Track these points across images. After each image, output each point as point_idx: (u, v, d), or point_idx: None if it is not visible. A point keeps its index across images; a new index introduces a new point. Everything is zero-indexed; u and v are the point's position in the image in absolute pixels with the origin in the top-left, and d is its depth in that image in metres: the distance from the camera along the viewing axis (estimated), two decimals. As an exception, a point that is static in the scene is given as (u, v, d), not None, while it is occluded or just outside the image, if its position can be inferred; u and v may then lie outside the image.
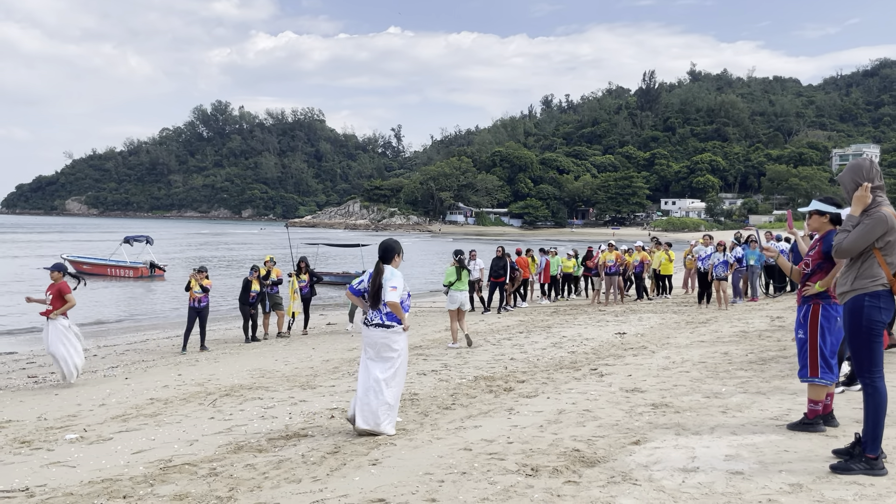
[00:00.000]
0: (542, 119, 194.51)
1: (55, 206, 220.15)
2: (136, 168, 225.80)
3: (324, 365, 10.97)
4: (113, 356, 14.02)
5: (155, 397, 8.87)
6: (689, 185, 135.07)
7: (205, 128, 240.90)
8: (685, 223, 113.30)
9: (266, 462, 5.66)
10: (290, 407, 7.83)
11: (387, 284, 6.46)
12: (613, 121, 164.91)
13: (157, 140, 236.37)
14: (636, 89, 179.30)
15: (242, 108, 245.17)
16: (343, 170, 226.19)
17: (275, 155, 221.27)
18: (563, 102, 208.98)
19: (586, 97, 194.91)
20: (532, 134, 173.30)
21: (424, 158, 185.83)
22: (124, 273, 34.22)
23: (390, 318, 6.49)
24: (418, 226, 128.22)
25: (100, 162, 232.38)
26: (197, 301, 14.03)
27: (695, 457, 5.21)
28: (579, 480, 4.83)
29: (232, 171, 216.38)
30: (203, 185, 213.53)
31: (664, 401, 7.17)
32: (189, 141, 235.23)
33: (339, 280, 32.00)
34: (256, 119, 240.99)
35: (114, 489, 5.13)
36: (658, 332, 12.75)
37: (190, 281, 14.07)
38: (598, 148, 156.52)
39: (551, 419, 6.64)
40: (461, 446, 5.82)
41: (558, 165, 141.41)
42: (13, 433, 7.22)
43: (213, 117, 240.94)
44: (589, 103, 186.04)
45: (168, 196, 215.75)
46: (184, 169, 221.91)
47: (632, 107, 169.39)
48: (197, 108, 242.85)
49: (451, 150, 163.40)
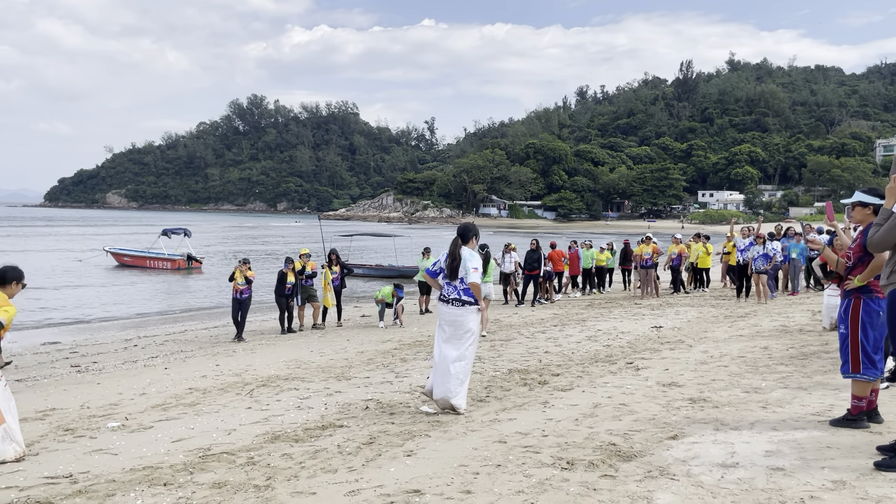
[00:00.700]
0: (576, 110, 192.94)
1: (96, 199, 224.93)
2: (174, 162, 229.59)
3: (358, 356, 11.05)
4: (152, 346, 14.29)
5: (194, 387, 9.01)
6: (727, 176, 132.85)
7: (241, 122, 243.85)
8: (723, 216, 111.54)
9: (302, 452, 5.71)
10: (325, 398, 7.90)
11: (468, 265, 6.82)
12: (650, 112, 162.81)
13: (194, 134, 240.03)
14: (673, 79, 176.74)
15: (277, 102, 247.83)
16: (377, 163, 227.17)
17: (309, 148, 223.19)
18: (598, 93, 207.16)
19: (622, 88, 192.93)
20: (566, 125, 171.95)
21: (457, 151, 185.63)
22: (162, 265, 34.86)
23: (467, 294, 6.84)
24: (451, 218, 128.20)
25: (139, 156, 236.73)
26: (239, 292, 14.39)
27: (734, 452, 5.13)
28: (616, 474, 4.79)
29: (267, 165, 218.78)
30: (239, 178, 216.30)
31: (702, 395, 7.07)
32: (225, 135, 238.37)
33: (374, 273, 32.17)
34: (291, 113, 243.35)
35: (154, 476, 5.22)
36: (695, 326, 12.57)
37: (234, 272, 14.37)
38: (633, 139, 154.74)
39: (587, 413, 6.59)
40: (496, 439, 5.81)
41: (593, 157, 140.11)
42: (57, 421, 7.41)
43: (249, 111, 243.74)
44: (625, 94, 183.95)
45: (205, 189, 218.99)
46: (220, 162, 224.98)
47: (668, 97, 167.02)
48: (233, 103, 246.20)
49: (484, 142, 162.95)
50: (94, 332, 17.30)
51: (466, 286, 6.84)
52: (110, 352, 13.85)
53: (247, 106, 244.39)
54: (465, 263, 6.84)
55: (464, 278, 6.85)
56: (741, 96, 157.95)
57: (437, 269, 7.09)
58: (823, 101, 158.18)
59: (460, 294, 6.86)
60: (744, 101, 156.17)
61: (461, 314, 6.83)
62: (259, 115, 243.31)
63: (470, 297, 6.84)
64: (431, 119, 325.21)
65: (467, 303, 6.85)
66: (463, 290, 6.85)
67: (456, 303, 6.87)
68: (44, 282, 27.90)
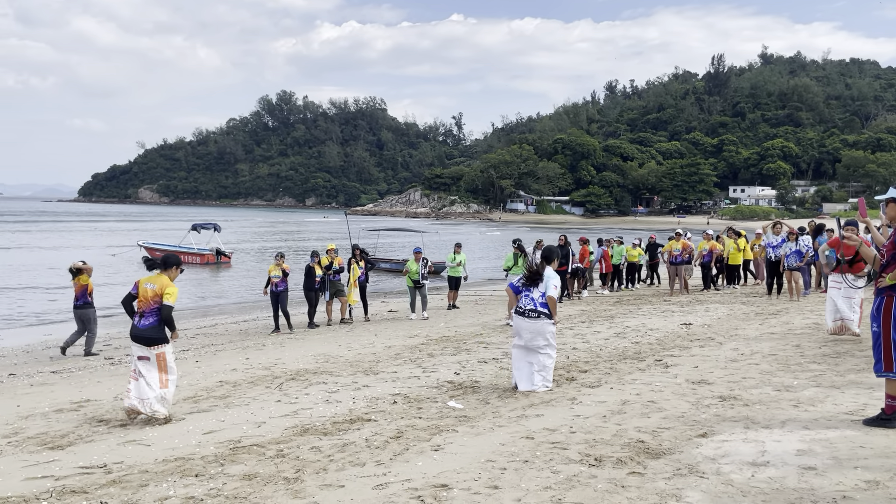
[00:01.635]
0: (605, 105, 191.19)
1: (128, 194, 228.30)
2: (204, 157, 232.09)
3: (386, 351, 11.10)
4: (184, 340, 14.50)
5: (224, 380, 9.13)
6: (759, 172, 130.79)
7: (270, 117, 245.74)
8: (754, 211, 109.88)
9: (331, 445, 5.77)
10: (353, 392, 7.95)
11: (549, 283, 7.72)
12: (680, 106, 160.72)
13: (224, 130, 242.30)
14: (704, 73, 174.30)
15: (306, 98, 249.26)
16: (404, 158, 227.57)
17: (337, 144, 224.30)
18: (627, 88, 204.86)
19: (651, 82, 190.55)
20: (595, 120, 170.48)
21: (485, 146, 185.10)
22: (192, 259, 35.38)
23: (543, 307, 7.65)
24: (478, 214, 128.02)
25: (170, 151, 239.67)
26: (275, 285, 14.71)
27: (765, 451, 5.07)
28: (644, 472, 4.76)
29: (296, 160, 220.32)
30: (268, 173, 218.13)
31: (732, 393, 7.00)
32: (255, 130, 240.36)
33: (400, 267, 32.24)
34: (320, 108, 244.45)
35: (186, 468, 5.31)
36: (726, 323, 12.43)
37: (270, 268, 14.77)
38: (663, 134, 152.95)
39: (615, 410, 6.56)
40: (523, 434, 5.81)
41: (622, 152, 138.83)
42: (92, 412, 7.56)
43: (279, 107, 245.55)
44: (654, 88, 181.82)
45: (235, 185, 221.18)
46: (250, 158, 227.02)
47: (699, 92, 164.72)
48: (262, 99, 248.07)
49: (511, 137, 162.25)
50: (127, 325, 17.56)
51: (544, 300, 7.63)
52: (143, 345, 14.08)
53: (276, 102, 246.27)
54: (547, 281, 7.72)
55: (544, 292, 7.66)
56: (774, 90, 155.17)
57: (519, 285, 7.89)
58: (859, 94, 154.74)
59: (537, 305, 7.65)
60: (776, 95, 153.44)
61: (538, 326, 7.59)
62: (288, 110, 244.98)
63: (546, 309, 7.63)
64: (459, 114, 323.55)
65: (543, 314, 7.61)
66: (541, 303, 7.64)
67: (532, 314, 7.64)
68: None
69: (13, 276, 28.47)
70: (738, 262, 19.71)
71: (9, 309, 20.06)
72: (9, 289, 24.32)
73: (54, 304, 20.83)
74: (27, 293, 23.35)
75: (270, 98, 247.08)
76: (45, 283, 25.85)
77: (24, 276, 28.54)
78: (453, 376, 8.64)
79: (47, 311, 19.86)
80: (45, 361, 12.46)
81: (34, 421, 7.25)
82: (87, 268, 13.32)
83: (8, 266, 32.12)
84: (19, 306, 20.64)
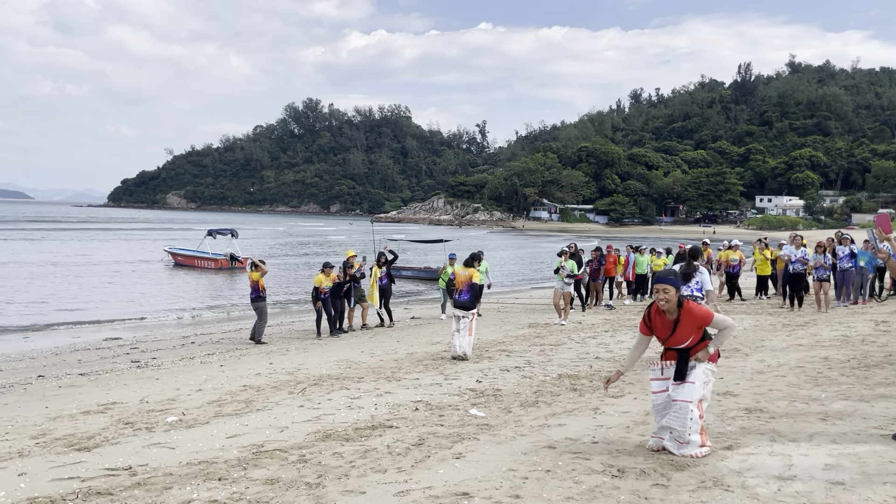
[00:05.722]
0: (630, 113, 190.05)
1: (156, 199, 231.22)
2: (231, 164, 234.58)
3: (408, 358, 11.11)
4: (209, 344, 14.65)
5: (248, 384, 9.20)
6: (786, 181, 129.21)
7: (296, 125, 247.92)
8: (782, 221, 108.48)
9: (353, 451, 5.78)
10: (375, 398, 7.97)
11: (703, 278, 9.63)
12: (706, 115, 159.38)
13: (251, 137, 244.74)
14: (731, 82, 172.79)
15: (332, 106, 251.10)
16: (428, 166, 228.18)
17: (362, 151, 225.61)
18: (652, 96, 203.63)
19: (677, 91, 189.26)
20: (620, 129, 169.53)
21: (508, 154, 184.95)
22: (207, 264, 35.82)
23: (699, 290, 9.51)
24: (502, 221, 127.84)
25: (198, 158, 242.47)
26: (324, 293, 15.05)
27: (791, 465, 4.99)
28: (668, 484, 4.71)
29: (321, 167, 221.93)
30: (294, 180, 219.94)
31: (758, 406, 6.90)
32: (281, 138, 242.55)
33: (422, 275, 32.31)
34: (345, 116, 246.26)
35: (210, 471, 5.35)
36: (752, 335, 12.27)
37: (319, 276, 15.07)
38: (689, 143, 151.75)
39: (638, 420, 6.50)
40: (545, 444, 5.78)
41: (647, 161, 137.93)
42: (118, 415, 7.65)
43: (305, 115, 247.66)
44: (680, 97, 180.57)
45: (261, 191, 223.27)
46: (276, 165, 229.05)
47: (726, 100, 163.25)
48: (289, 106, 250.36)
49: (535, 145, 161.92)
50: (153, 329, 17.81)
51: (700, 287, 9.56)
52: (168, 348, 14.25)
53: (302, 109, 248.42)
54: (702, 277, 9.67)
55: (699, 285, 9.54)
56: (802, 99, 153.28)
57: None
58: (889, 104, 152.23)
59: (693, 292, 9.45)
60: (805, 104, 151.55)
61: None
62: (314, 118, 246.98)
63: (700, 293, 9.51)
64: (483, 122, 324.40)
65: (699, 297, 9.36)
66: (697, 289, 9.50)
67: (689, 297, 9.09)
68: (109, 279, 28.86)
69: (46, 279, 28.96)
70: (767, 273, 19.45)
71: (38, 311, 20.38)
72: (42, 290, 24.75)
73: (86, 307, 21.14)
74: (53, 298, 23.72)
75: (297, 105, 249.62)
76: (75, 287, 26.27)
77: (54, 280, 29.02)
78: (475, 384, 8.63)
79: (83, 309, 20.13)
80: (73, 364, 12.65)
81: (62, 422, 7.36)
82: (262, 268, 14.64)
83: (40, 270, 32.70)
84: (47, 307, 20.96)
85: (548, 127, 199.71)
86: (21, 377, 11.17)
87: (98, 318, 19.35)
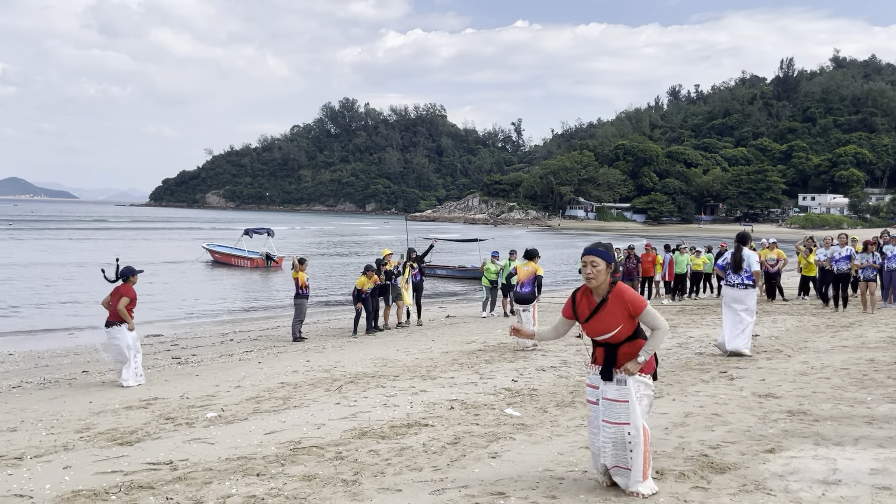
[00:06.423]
0: (668, 111, 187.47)
1: (196, 199, 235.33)
2: (269, 163, 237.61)
3: (443, 356, 11.11)
4: (247, 341, 14.84)
5: (285, 381, 9.30)
6: (830, 179, 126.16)
7: (332, 124, 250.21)
8: (825, 220, 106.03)
9: (389, 449, 5.80)
10: (411, 396, 7.99)
11: (750, 260, 10.04)
12: (747, 111, 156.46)
13: (288, 137, 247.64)
14: (772, 78, 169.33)
15: (368, 105, 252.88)
16: (463, 164, 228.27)
17: (397, 150, 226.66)
18: (691, 93, 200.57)
19: (717, 87, 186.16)
20: (658, 126, 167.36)
21: (544, 152, 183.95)
22: (243, 263, 36.31)
23: (749, 279, 10.03)
24: (537, 220, 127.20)
25: (236, 158, 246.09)
26: (365, 293, 15.23)
27: (836, 469, 4.87)
28: (708, 487, 4.63)
29: (357, 167, 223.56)
30: (330, 179, 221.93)
31: (802, 408, 6.74)
32: (318, 137, 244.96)
33: (457, 274, 32.31)
34: (381, 115, 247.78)
35: (248, 467, 5.42)
36: (794, 336, 12.00)
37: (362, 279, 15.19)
38: (729, 140, 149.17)
39: (677, 422, 6.40)
40: (582, 444, 5.72)
41: (686, 158, 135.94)
42: (159, 410, 7.80)
43: (341, 114, 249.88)
44: (720, 93, 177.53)
45: (298, 190, 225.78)
46: (312, 164, 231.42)
47: (767, 96, 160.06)
48: (325, 106, 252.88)
49: (572, 143, 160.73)
50: (193, 327, 18.12)
51: (750, 274, 10.01)
52: (208, 345, 14.48)
53: (338, 109, 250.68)
54: (749, 259, 10.03)
55: (748, 269, 9.98)
56: (847, 95, 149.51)
57: (723, 264, 10.35)
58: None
59: (744, 280, 10.03)
60: (849, 99, 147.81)
61: (744, 294, 10.02)
62: (350, 118, 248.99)
63: (751, 280, 10.03)
64: (518, 120, 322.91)
65: (749, 285, 10.03)
66: (747, 276, 10.02)
67: (740, 286, 10.07)
68: (150, 277, 29.41)
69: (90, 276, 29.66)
70: (812, 273, 19.00)
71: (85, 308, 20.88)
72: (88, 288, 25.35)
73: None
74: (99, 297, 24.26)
75: (333, 105, 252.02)
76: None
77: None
78: (511, 383, 8.59)
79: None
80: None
81: (105, 417, 7.53)
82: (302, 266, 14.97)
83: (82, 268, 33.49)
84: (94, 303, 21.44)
85: (584, 125, 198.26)
86: (66, 373, 11.46)
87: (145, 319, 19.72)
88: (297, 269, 14.88)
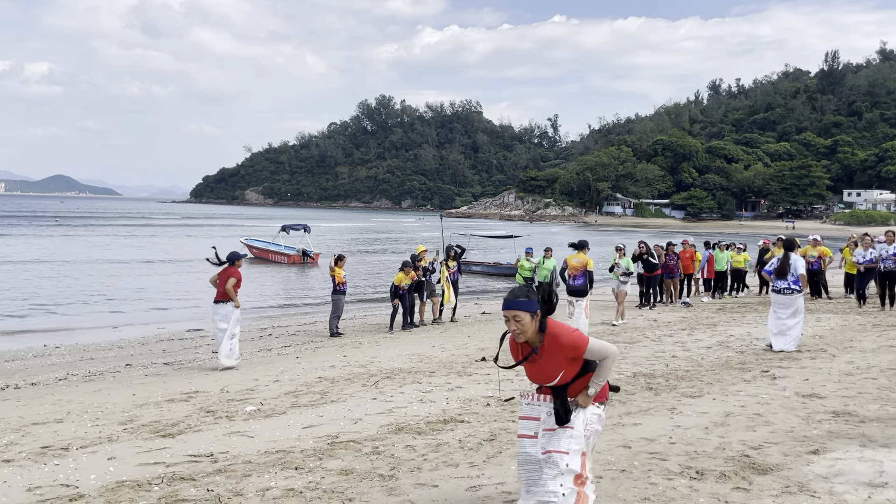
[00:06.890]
0: (708, 105, 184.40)
1: (235, 195, 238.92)
2: (306, 160, 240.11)
3: (479, 353, 11.10)
4: (285, 336, 15.02)
5: (323, 376, 9.38)
6: (876, 174, 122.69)
7: (369, 121, 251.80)
8: (871, 216, 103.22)
9: (425, 444, 5.81)
10: (447, 392, 8.00)
11: (796, 265, 10.26)
12: (790, 105, 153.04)
13: (325, 134, 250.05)
14: (816, 71, 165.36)
15: (404, 102, 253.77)
16: (499, 160, 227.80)
17: (433, 147, 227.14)
18: (732, 87, 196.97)
19: (759, 81, 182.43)
20: (698, 121, 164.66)
21: (581, 148, 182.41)
22: (280, 259, 36.71)
23: (796, 284, 10.22)
24: (573, 217, 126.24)
25: (275, 155, 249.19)
26: (402, 289, 15.32)
27: (883, 471, 4.74)
28: (749, 488, 4.55)
29: (393, 163, 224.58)
30: (366, 176, 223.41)
31: (847, 409, 6.58)
32: (354, 134, 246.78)
33: (492, 270, 32.23)
34: (417, 112, 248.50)
35: (287, 460, 5.48)
36: (839, 335, 11.72)
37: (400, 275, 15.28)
38: (771, 135, 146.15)
39: (717, 421, 6.30)
40: (620, 443, 5.67)
41: (726, 154, 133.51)
42: (200, 403, 7.93)
43: (377, 111, 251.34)
44: (762, 87, 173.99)
45: (335, 187, 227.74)
46: (349, 161, 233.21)
47: (811, 90, 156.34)
48: (362, 103, 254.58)
49: (609, 139, 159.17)
50: (232, 321, 18.34)
51: (796, 279, 10.19)
52: (247, 340, 14.66)
53: (375, 106, 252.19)
54: (795, 264, 10.23)
55: (794, 273, 10.18)
56: (894, 88, 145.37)
57: (770, 269, 10.60)
58: None
59: (790, 284, 10.22)
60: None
61: (791, 298, 10.19)
62: (386, 115, 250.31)
63: (798, 286, 10.20)
64: (555, 116, 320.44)
65: (796, 290, 10.20)
66: (793, 281, 10.21)
67: (787, 291, 10.23)
68: (189, 271, 29.97)
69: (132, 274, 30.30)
70: (854, 271, 18.53)
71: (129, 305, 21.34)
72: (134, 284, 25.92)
73: (168, 300, 22.02)
74: (146, 293, 24.75)
75: (370, 103, 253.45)
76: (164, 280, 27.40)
77: (140, 275, 30.32)
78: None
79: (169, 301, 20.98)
80: (158, 353, 13.18)
81: (147, 409, 7.68)
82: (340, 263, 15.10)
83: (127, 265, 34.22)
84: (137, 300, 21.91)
85: (622, 120, 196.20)
86: (110, 366, 11.72)
87: (182, 309, 20.09)
88: (335, 266, 15.00)
